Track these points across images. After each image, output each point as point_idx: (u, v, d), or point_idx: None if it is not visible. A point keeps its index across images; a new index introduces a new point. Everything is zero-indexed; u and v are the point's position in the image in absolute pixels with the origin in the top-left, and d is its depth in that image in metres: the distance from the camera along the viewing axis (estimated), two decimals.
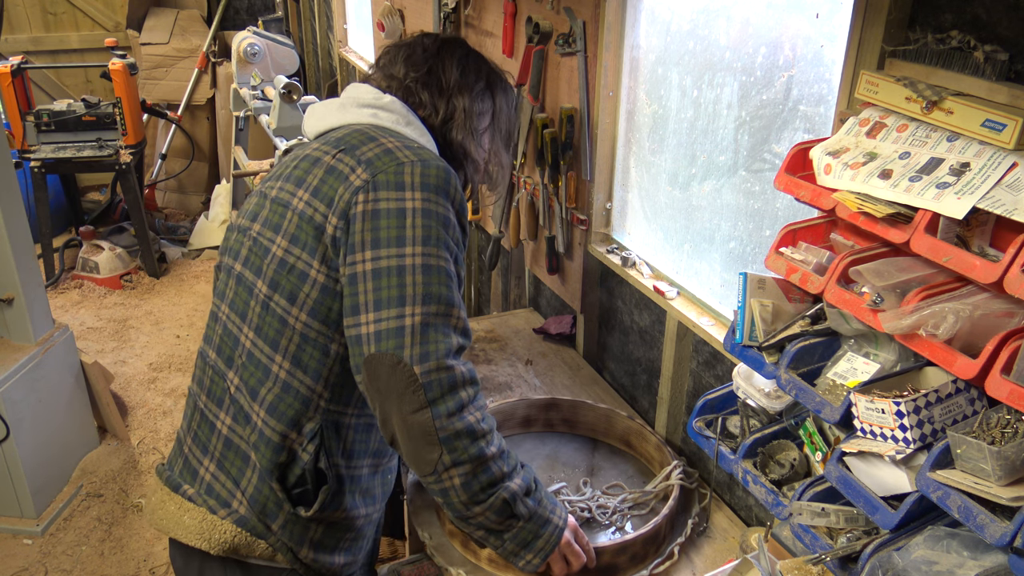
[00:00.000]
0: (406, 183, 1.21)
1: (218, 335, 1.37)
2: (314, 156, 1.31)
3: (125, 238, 4.92)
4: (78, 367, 3.10)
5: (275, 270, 1.27)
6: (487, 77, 1.49)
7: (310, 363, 1.27)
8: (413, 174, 1.22)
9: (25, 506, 2.85)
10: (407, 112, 1.37)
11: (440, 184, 1.24)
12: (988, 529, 0.98)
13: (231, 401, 1.33)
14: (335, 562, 1.38)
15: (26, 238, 2.78)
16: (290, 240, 1.26)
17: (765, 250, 1.55)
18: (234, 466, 1.32)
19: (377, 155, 1.25)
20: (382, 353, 1.15)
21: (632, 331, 2.25)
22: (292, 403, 1.27)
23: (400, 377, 1.14)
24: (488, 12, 2.56)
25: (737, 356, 1.37)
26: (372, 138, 1.29)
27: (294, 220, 1.26)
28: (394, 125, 1.35)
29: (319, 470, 1.30)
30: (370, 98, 1.38)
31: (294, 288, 1.25)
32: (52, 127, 4.45)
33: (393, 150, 1.26)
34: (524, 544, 1.30)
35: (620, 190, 2.22)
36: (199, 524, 1.32)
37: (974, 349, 1.03)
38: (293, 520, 1.31)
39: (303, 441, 1.28)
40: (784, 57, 1.58)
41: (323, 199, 1.24)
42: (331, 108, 1.41)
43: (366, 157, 1.25)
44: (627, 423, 1.95)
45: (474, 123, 1.44)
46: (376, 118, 1.35)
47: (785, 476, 1.39)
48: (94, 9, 5.68)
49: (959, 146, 1.10)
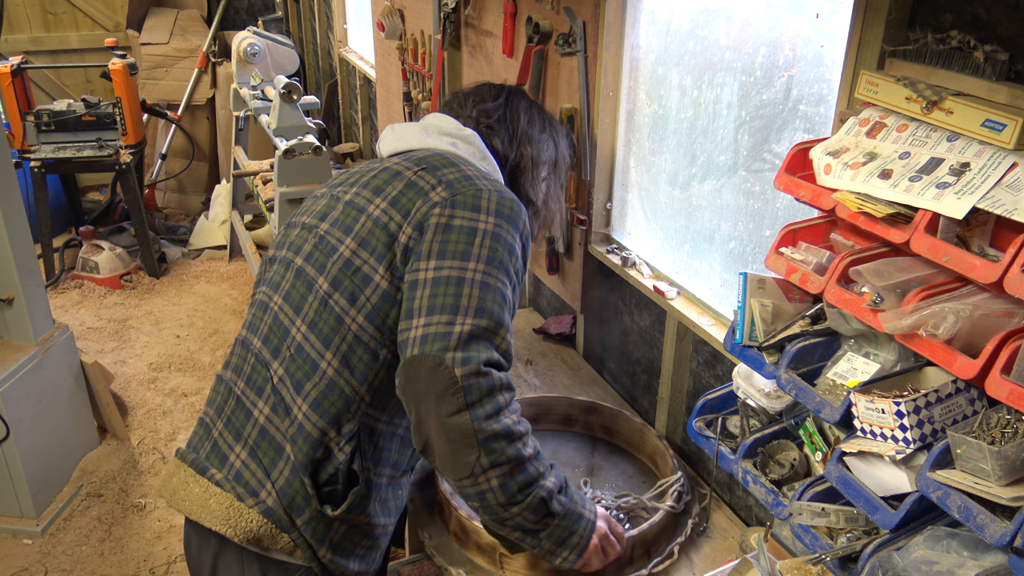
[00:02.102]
0: (482, 207, 1.27)
1: (267, 325, 1.38)
2: (395, 169, 1.37)
3: (125, 238, 4.92)
4: (78, 367, 3.10)
5: (340, 269, 1.30)
6: (550, 128, 1.60)
7: (358, 365, 1.29)
8: (490, 200, 1.29)
9: (25, 506, 2.85)
10: (484, 148, 1.46)
11: (513, 215, 1.30)
12: (988, 529, 0.98)
13: (272, 391, 1.33)
14: (349, 567, 1.38)
15: (26, 238, 2.78)
16: (360, 243, 1.30)
17: (765, 250, 1.55)
18: (267, 456, 1.32)
19: (458, 179, 1.32)
20: (424, 355, 1.17)
21: (632, 331, 2.25)
22: (336, 401, 1.29)
23: (440, 379, 1.16)
24: (488, 12, 2.56)
25: (737, 356, 1.37)
26: (453, 164, 1.36)
27: (367, 224, 1.30)
28: (471, 157, 1.42)
29: (352, 471, 1.31)
30: (452, 128, 1.46)
31: (356, 290, 1.28)
32: (52, 127, 4.45)
33: (473, 178, 1.33)
34: (561, 541, 1.32)
35: (620, 190, 2.22)
36: (226, 510, 1.32)
37: (974, 349, 1.03)
38: (318, 518, 1.32)
39: (340, 441, 1.30)
40: (784, 57, 1.58)
41: (400, 209, 1.29)
42: (413, 131, 1.47)
43: (447, 179, 1.31)
44: (656, 442, 1.93)
45: (538, 171, 1.55)
46: (455, 147, 1.43)
47: (785, 476, 1.39)
48: (94, 9, 5.68)
49: (959, 146, 1.10)
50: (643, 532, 1.61)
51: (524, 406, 2.06)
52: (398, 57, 3.34)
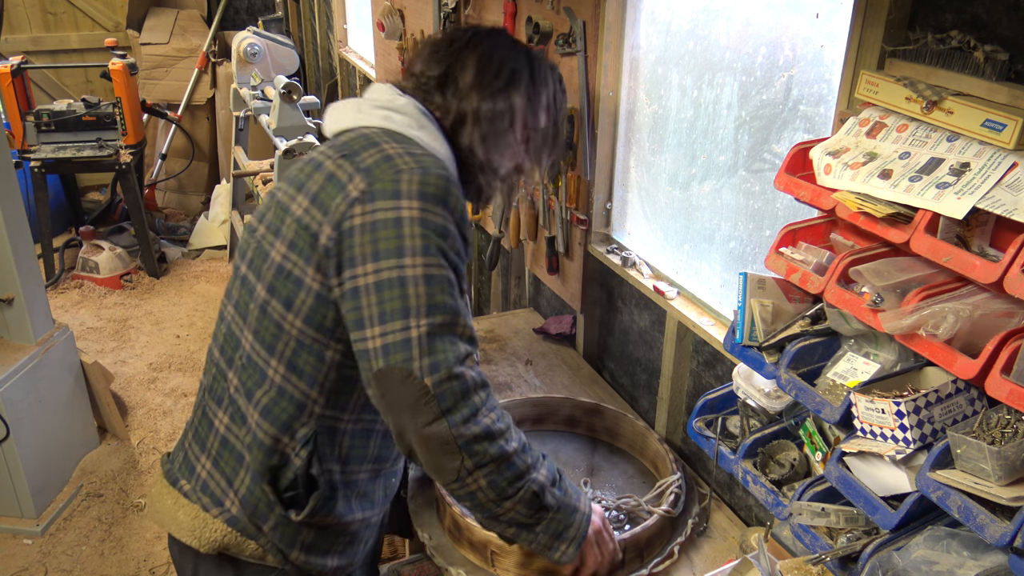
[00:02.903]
0: (402, 191, 1.18)
1: (223, 335, 1.37)
2: (317, 160, 1.29)
3: (125, 238, 4.92)
4: (78, 367, 3.10)
5: (273, 274, 1.26)
6: (510, 75, 1.37)
7: (305, 368, 1.26)
8: (411, 182, 1.19)
9: (25, 506, 2.85)
10: (420, 115, 1.33)
11: (438, 193, 1.20)
12: (988, 529, 0.98)
13: (230, 401, 1.33)
14: (327, 564, 1.37)
15: (26, 238, 2.78)
16: (288, 246, 1.24)
17: (765, 250, 1.55)
18: (229, 465, 1.32)
19: (376, 162, 1.22)
20: (391, 367, 1.14)
21: (632, 331, 2.25)
22: (286, 407, 1.27)
23: (411, 390, 1.13)
24: (488, 12, 2.56)
25: (737, 356, 1.37)
26: (375, 143, 1.26)
27: (292, 226, 1.24)
28: (406, 129, 1.31)
29: (310, 476, 1.29)
30: (385, 99, 1.35)
31: (291, 294, 1.24)
32: (52, 127, 4.45)
33: (393, 156, 1.23)
34: (557, 535, 1.29)
35: (620, 190, 2.22)
36: (192, 521, 1.33)
37: (974, 349, 1.03)
38: (284, 523, 1.31)
39: (295, 446, 1.28)
40: (784, 57, 1.58)
41: (320, 207, 1.22)
42: (347, 109, 1.37)
43: (365, 165, 1.23)
44: (657, 446, 1.92)
45: (486, 128, 1.35)
46: (389, 121, 1.31)
47: (785, 476, 1.39)
48: (94, 9, 5.68)
49: (959, 146, 1.10)
50: (636, 535, 1.61)
51: (527, 406, 2.06)
52: (398, 57, 3.34)
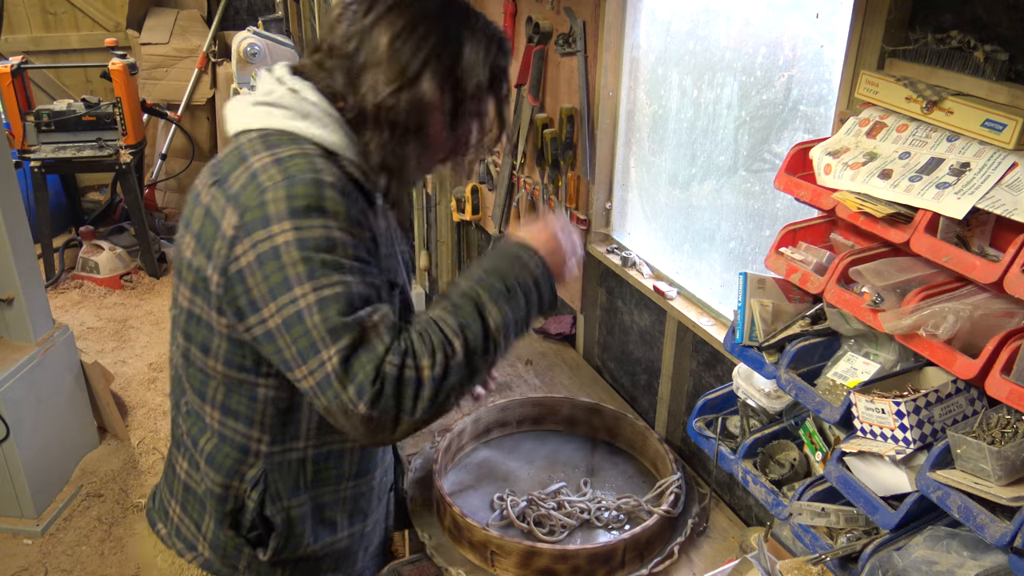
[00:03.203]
0: (271, 215, 1.05)
1: (171, 379, 1.32)
2: (197, 190, 1.18)
3: (125, 238, 4.92)
4: (78, 367, 3.10)
5: (185, 320, 1.18)
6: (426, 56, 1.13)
7: (240, 410, 1.19)
8: (277, 200, 1.05)
9: (25, 506, 2.85)
10: (303, 103, 1.14)
11: (310, 203, 1.05)
12: (988, 529, 0.98)
13: (184, 447, 1.29)
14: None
15: (26, 238, 2.78)
16: (191, 290, 1.16)
17: (765, 250, 1.55)
18: (195, 510, 1.29)
19: (243, 185, 1.09)
20: (330, 406, 1.05)
21: (632, 331, 2.25)
22: (229, 453, 1.22)
23: (356, 420, 1.05)
24: (488, 12, 2.56)
25: (737, 356, 1.37)
26: (243, 158, 1.12)
27: (189, 270, 1.15)
28: (286, 122, 1.14)
29: (265, 517, 1.25)
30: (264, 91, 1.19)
31: (205, 339, 1.16)
32: (52, 127, 4.45)
33: (258, 172, 1.08)
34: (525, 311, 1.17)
35: (620, 190, 2.22)
36: (169, 567, 1.31)
37: (974, 349, 1.03)
38: (256, 562, 1.27)
39: (247, 489, 1.23)
40: (784, 57, 1.58)
41: (204, 250, 1.12)
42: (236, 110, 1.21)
43: (233, 191, 1.09)
44: (657, 446, 1.92)
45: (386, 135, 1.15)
46: (270, 118, 1.15)
47: (785, 476, 1.39)
48: (94, 9, 5.68)
49: (959, 146, 1.10)
50: (636, 535, 1.61)
51: (527, 406, 2.06)
52: None
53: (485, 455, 1.98)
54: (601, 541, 1.64)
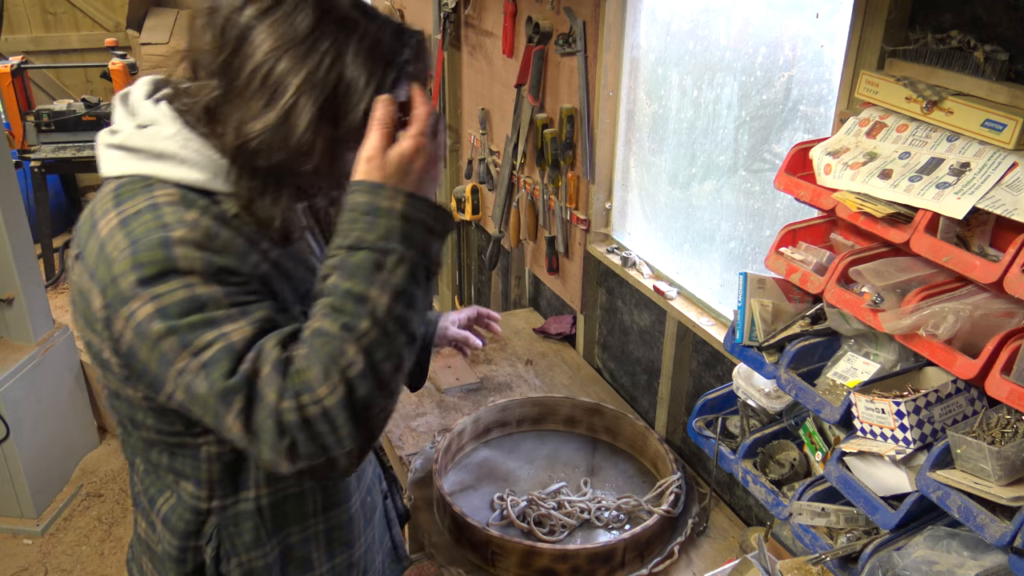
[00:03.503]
0: (125, 292, 0.96)
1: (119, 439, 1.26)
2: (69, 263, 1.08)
3: None
4: (78, 367, 3.10)
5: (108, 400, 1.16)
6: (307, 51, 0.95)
7: (186, 471, 1.15)
8: (126, 274, 0.95)
9: (25, 506, 2.85)
10: (153, 140, 1.01)
11: (159, 268, 0.95)
12: (988, 529, 0.98)
13: (142, 507, 1.25)
14: None
15: (26, 238, 2.78)
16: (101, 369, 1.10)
17: (765, 250, 1.55)
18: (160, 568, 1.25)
19: (96, 259, 0.99)
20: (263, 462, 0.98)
21: (632, 331, 2.25)
22: (183, 514, 1.17)
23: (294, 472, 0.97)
24: (488, 12, 2.56)
25: (737, 356, 1.37)
26: (94, 224, 1.01)
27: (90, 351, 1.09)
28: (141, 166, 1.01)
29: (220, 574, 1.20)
30: (113, 130, 1.06)
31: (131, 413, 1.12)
32: (52, 127, 4.45)
33: (105, 241, 0.98)
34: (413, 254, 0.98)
35: (620, 190, 2.22)
36: None
37: (974, 349, 1.03)
38: None
39: (201, 546, 1.18)
40: (784, 57, 1.58)
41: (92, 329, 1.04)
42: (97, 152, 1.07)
43: (90, 267, 1.00)
44: (658, 446, 1.91)
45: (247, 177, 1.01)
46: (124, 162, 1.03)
47: (785, 476, 1.39)
48: (94, 9, 5.68)
49: (959, 146, 1.10)
50: (636, 535, 1.61)
51: (527, 406, 2.06)
52: None
53: (485, 455, 1.98)
54: (601, 541, 1.65)
